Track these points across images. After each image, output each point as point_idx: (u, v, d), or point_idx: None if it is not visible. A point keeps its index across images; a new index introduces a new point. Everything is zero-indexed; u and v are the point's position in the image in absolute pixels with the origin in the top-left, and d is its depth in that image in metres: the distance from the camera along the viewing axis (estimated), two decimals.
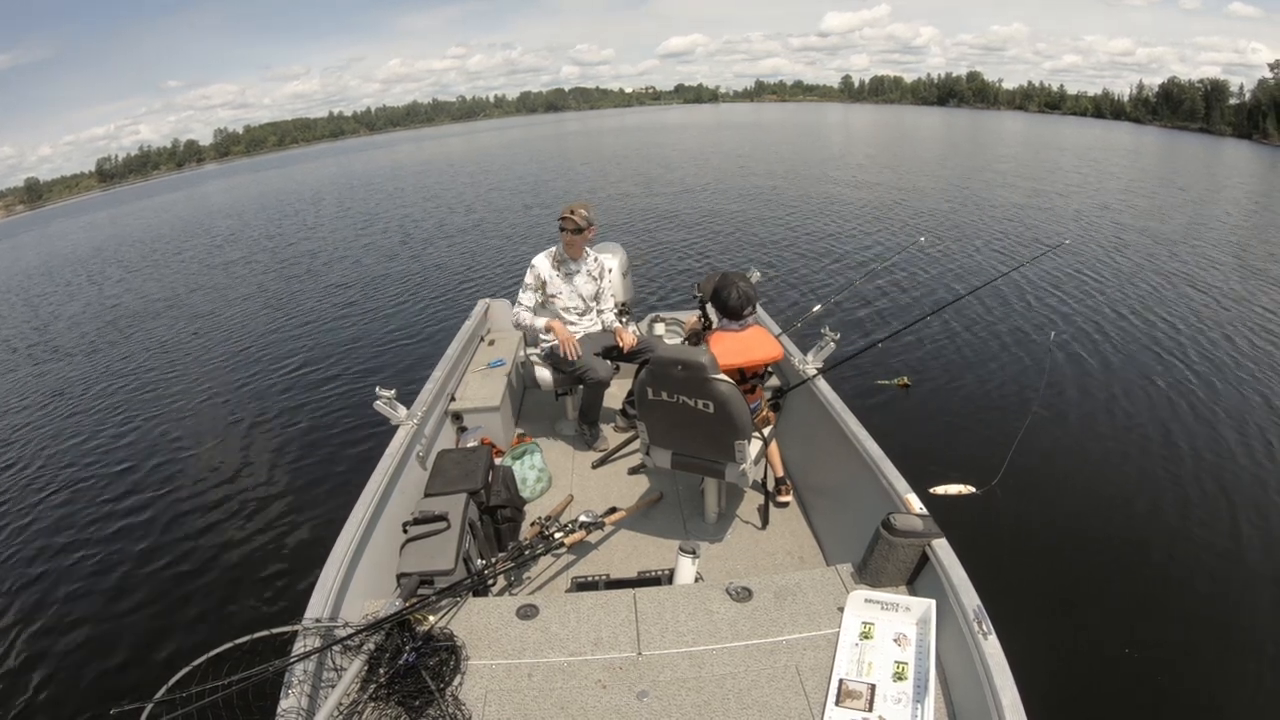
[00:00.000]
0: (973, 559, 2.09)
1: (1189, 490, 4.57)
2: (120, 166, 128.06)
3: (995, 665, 1.72)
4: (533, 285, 3.77)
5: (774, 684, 1.96)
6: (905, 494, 2.36)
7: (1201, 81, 66.32)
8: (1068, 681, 3.08)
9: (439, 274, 12.00)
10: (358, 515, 2.52)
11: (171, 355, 9.34)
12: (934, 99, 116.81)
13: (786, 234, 13.02)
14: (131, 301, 13.26)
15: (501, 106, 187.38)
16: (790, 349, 3.59)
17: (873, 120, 66.09)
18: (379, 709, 1.91)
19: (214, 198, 39.78)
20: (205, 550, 4.66)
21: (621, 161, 30.37)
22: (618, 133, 56.97)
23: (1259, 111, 51.23)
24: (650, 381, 2.71)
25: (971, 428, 5.42)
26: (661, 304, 8.54)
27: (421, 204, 22.13)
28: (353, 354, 8.30)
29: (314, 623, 2.04)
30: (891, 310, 8.29)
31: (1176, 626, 3.46)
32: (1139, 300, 8.54)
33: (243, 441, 6.34)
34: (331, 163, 58.39)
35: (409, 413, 3.33)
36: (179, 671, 1.75)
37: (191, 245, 19.71)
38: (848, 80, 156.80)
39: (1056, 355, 6.76)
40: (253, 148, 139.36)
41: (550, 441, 4.08)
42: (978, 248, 11.43)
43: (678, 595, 2.33)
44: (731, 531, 3.19)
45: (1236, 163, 30.52)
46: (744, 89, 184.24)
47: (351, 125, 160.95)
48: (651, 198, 18.62)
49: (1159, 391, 6.00)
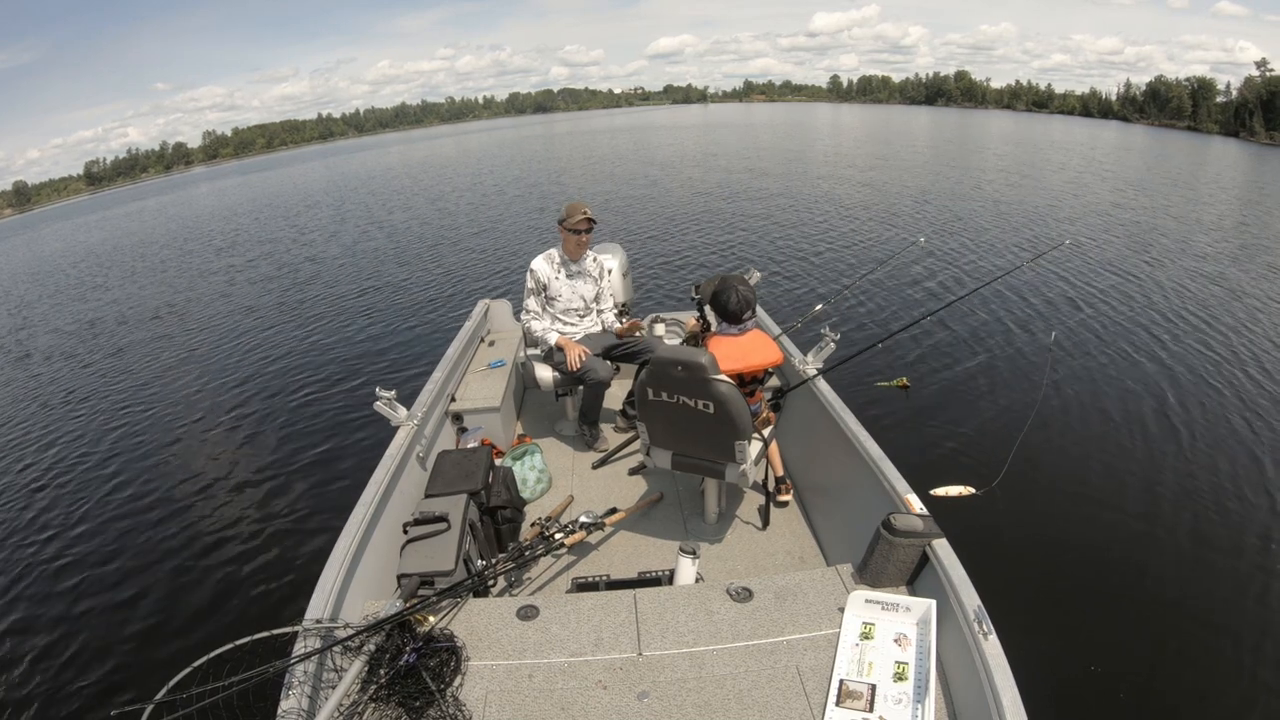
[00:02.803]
0: (973, 559, 2.10)
1: (1190, 490, 4.58)
2: (108, 169, 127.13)
3: (996, 665, 1.73)
4: (535, 290, 3.76)
5: (774, 684, 1.97)
6: (905, 494, 2.37)
7: (1189, 80, 66.95)
8: (1068, 681, 3.09)
9: (439, 275, 11.98)
10: (358, 516, 2.52)
11: (171, 357, 9.29)
12: (922, 98, 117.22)
13: (786, 234, 13.04)
14: (131, 304, 13.18)
15: (490, 108, 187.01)
16: (790, 350, 3.59)
17: (862, 120, 66.14)
18: (379, 710, 1.91)
19: (205, 200, 39.49)
20: (205, 551, 4.64)
21: (616, 162, 30.38)
22: (608, 133, 56.86)
23: (1245, 109, 51.62)
24: (650, 382, 2.71)
25: (972, 428, 5.43)
26: (659, 306, 8.54)
27: (419, 205, 22.08)
28: (352, 355, 8.29)
29: (314, 623, 2.04)
30: (891, 310, 8.30)
31: (1177, 626, 3.47)
32: (1139, 300, 8.57)
33: (243, 443, 6.31)
34: (322, 165, 57.99)
35: (409, 413, 3.32)
36: (179, 672, 1.75)
37: (189, 248, 19.56)
38: (836, 80, 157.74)
39: (1057, 355, 6.77)
40: (241, 150, 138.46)
41: (550, 442, 4.07)
42: (977, 248, 11.46)
43: (678, 596, 2.33)
44: (732, 532, 3.19)
45: (1227, 160, 30.76)
46: (732, 89, 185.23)
47: (340, 127, 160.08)
48: (650, 198, 18.63)
49: (1160, 391, 6.02)
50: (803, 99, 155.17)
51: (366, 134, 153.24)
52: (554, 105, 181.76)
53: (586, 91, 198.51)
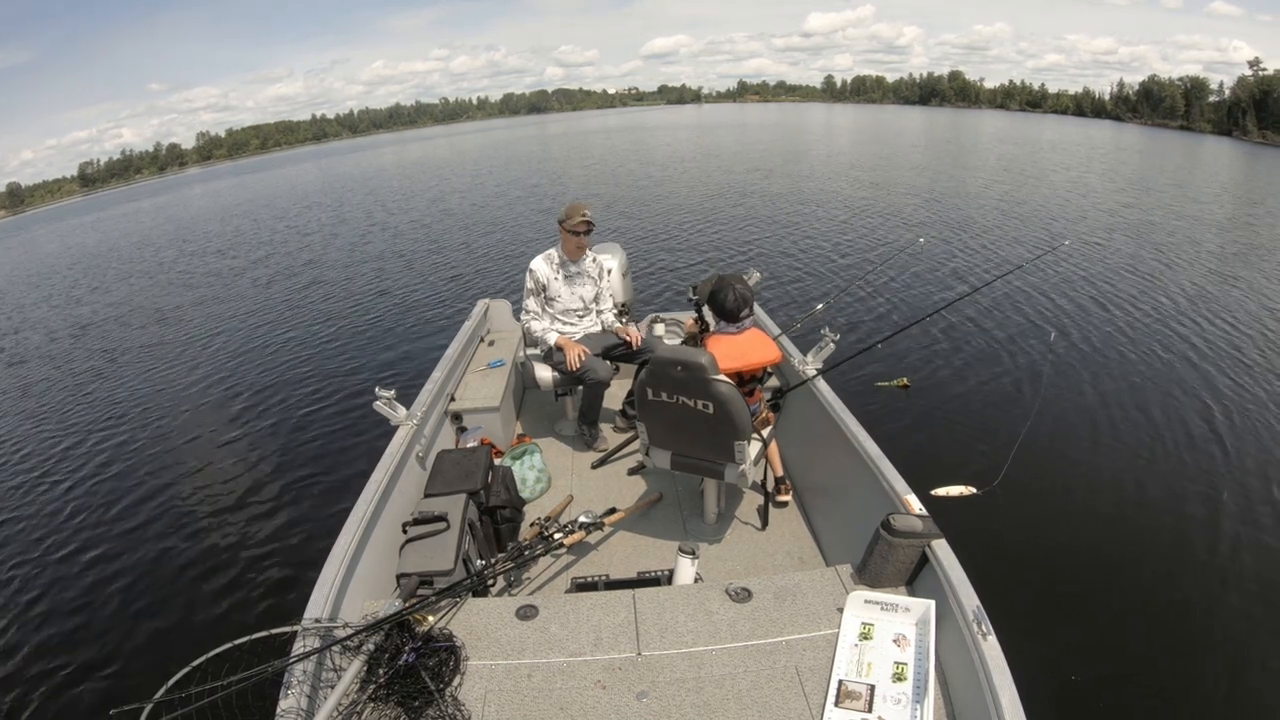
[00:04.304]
0: (972, 560, 2.10)
1: (1190, 490, 4.58)
2: (102, 171, 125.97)
3: (995, 666, 1.73)
4: (534, 290, 3.76)
5: (773, 685, 1.97)
6: (905, 494, 2.37)
7: (1182, 79, 67.04)
8: (1068, 682, 3.09)
9: (439, 275, 11.96)
10: (357, 515, 2.52)
11: (169, 357, 9.26)
12: (916, 99, 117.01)
13: (786, 234, 13.04)
14: (130, 305, 13.12)
15: (484, 108, 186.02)
16: (790, 350, 3.59)
17: (858, 120, 66.20)
18: (378, 709, 1.91)
19: (200, 202, 39.31)
20: (205, 551, 4.63)
21: (615, 162, 30.35)
22: (603, 134, 56.82)
23: (1238, 108, 51.72)
24: (650, 382, 2.71)
25: (972, 429, 5.44)
26: (657, 305, 8.54)
27: (418, 205, 22.02)
28: (352, 354, 8.27)
29: (314, 623, 2.04)
30: (891, 311, 8.30)
31: (1177, 627, 3.47)
32: (1139, 300, 8.57)
33: (243, 442, 6.30)
34: (316, 166, 57.75)
35: (409, 413, 3.32)
36: (179, 672, 1.74)
37: (187, 249, 19.44)
38: (830, 80, 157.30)
39: (1057, 356, 6.78)
40: (235, 151, 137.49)
41: (550, 442, 4.07)
42: (977, 248, 11.47)
43: (677, 596, 2.33)
44: (731, 532, 3.19)
45: (1221, 159, 30.87)
46: (727, 89, 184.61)
47: (334, 128, 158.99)
48: (649, 198, 18.63)
49: (1160, 391, 6.03)
50: (797, 99, 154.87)
51: (360, 135, 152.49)
52: (548, 106, 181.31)
53: (581, 92, 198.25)
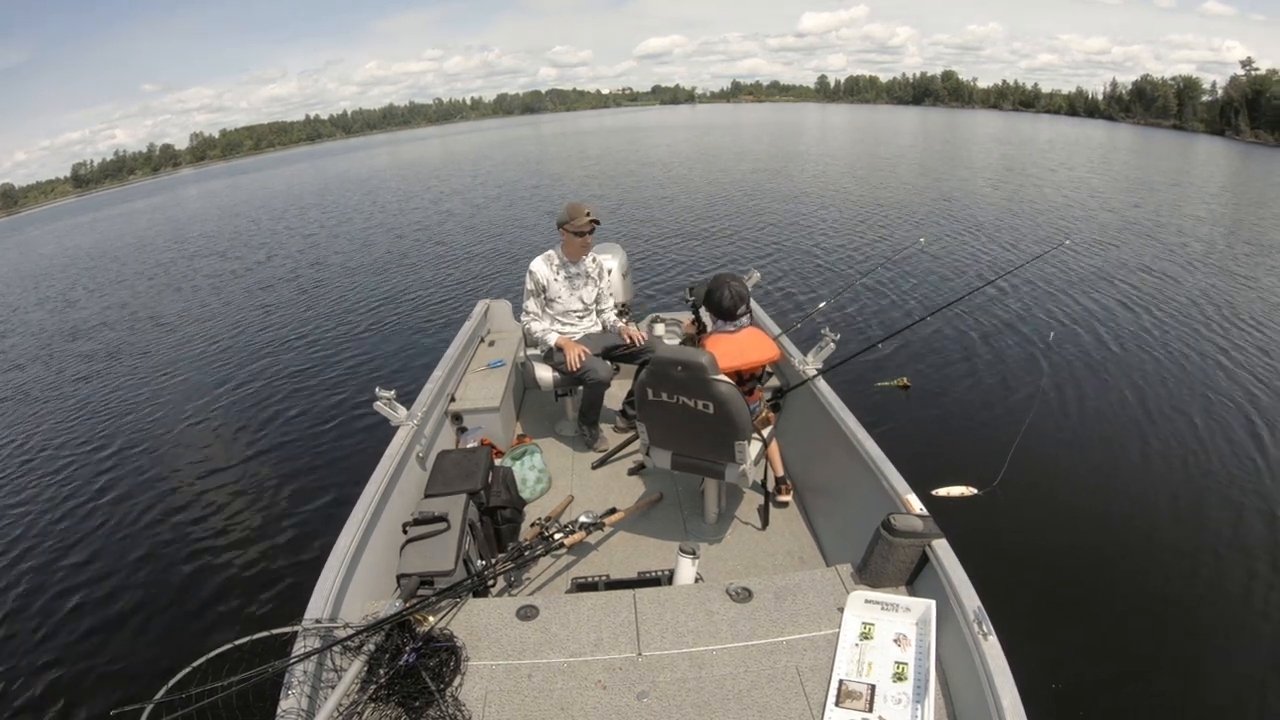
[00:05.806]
0: (973, 560, 2.10)
1: (1191, 490, 4.59)
2: (96, 172, 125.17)
3: (995, 666, 1.73)
4: (535, 292, 3.75)
5: (774, 685, 1.97)
6: (905, 494, 2.37)
7: (1175, 79, 67.05)
8: (1068, 682, 3.08)
9: (439, 275, 11.94)
10: (358, 516, 2.51)
11: (170, 358, 9.23)
12: (909, 99, 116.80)
13: (786, 234, 13.03)
14: (130, 305, 13.09)
15: (478, 109, 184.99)
16: (790, 349, 3.59)
17: (853, 120, 66.15)
18: (379, 710, 1.91)
19: (195, 203, 39.19)
20: (205, 551, 4.62)
21: (613, 162, 30.35)
22: (598, 134, 56.78)
23: (1231, 108, 51.72)
24: (650, 382, 2.71)
25: (972, 429, 5.44)
26: (657, 305, 8.53)
27: (416, 206, 21.96)
28: (352, 355, 8.25)
29: (314, 623, 2.03)
30: (892, 311, 8.30)
31: (1177, 627, 3.48)
32: (1139, 300, 8.56)
33: (243, 442, 6.28)
34: (310, 167, 57.51)
35: (409, 413, 3.31)
36: (179, 672, 1.74)
37: (186, 250, 19.37)
38: (823, 80, 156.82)
39: (1057, 355, 6.78)
40: (229, 152, 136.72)
41: (550, 442, 4.07)
42: (977, 248, 11.47)
43: (678, 596, 2.34)
44: (731, 532, 3.19)
45: (1215, 158, 30.91)
46: (720, 90, 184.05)
47: (328, 129, 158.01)
48: (649, 198, 18.63)
49: (1160, 391, 6.03)
50: (790, 99, 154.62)
51: (354, 135, 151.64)
52: (542, 106, 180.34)
53: (574, 92, 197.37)
